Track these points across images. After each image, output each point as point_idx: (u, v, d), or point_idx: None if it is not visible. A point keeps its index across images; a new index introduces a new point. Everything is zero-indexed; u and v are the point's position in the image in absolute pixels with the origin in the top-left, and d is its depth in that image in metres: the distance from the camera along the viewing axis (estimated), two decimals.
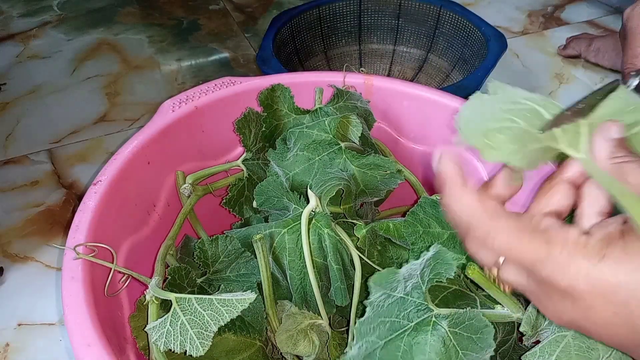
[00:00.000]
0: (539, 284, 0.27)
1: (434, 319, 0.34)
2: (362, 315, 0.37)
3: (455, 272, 0.35)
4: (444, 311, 0.34)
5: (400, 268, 0.45)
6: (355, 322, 0.43)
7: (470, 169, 0.55)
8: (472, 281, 0.36)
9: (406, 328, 0.34)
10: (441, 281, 0.35)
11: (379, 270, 0.44)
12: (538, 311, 0.36)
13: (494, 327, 0.33)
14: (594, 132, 0.28)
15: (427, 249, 0.43)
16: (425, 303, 0.34)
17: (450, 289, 0.40)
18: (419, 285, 0.35)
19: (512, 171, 0.30)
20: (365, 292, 0.43)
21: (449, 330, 0.33)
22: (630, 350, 0.26)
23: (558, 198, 0.29)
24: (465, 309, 0.34)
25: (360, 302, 0.43)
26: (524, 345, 0.39)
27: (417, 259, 0.43)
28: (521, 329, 0.36)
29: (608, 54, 0.98)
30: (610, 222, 0.26)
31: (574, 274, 0.25)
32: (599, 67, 1.01)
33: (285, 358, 0.44)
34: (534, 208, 0.30)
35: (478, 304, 0.39)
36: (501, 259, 0.28)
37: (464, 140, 0.28)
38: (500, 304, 0.37)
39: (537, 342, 0.36)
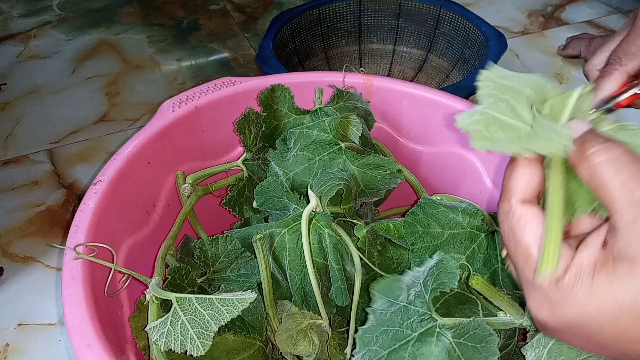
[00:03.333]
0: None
1: (438, 329, 0.34)
2: (364, 321, 0.37)
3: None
4: (448, 321, 0.34)
5: (400, 268, 0.45)
6: (355, 322, 0.43)
7: (471, 169, 0.55)
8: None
9: (410, 338, 0.34)
10: (444, 291, 0.35)
11: (378, 271, 0.45)
12: None
13: (497, 334, 0.33)
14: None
15: (427, 249, 0.43)
16: (429, 312, 0.34)
17: (452, 292, 0.40)
18: (422, 294, 0.35)
19: None
20: (365, 292, 0.43)
21: (454, 341, 0.33)
22: None
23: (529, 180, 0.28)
24: (469, 319, 0.34)
25: (361, 302, 0.43)
26: (526, 343, 0.39)
27: (417, 259, 0.43)
28: (524, 324, 0.36)
29: None
30: (589, 244, 0.26)
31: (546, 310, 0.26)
32: None
33: (285, 358, 0.44)
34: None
35: (480, 308, 0.39)
36: None
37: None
38: (502, 310, 0.37)
39: None
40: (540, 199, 0.28)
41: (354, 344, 0.37)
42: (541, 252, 0.26)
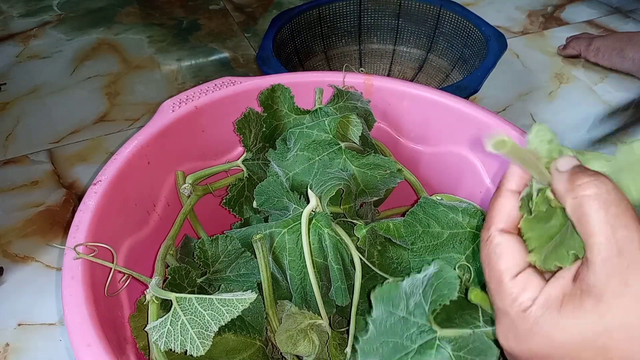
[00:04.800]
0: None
1: (437, 341, 0.34)
2: (364, 329, 0.37)
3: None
4: (448, 332, 0.34)
5: (400, 268, 0.45)
6: (355, 322, 0.43)
7: (471, 169, 0.55)
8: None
9: (409, 350, 0.34)
10: (444, 303, 0.34)
11: (378, 271, 0.45)
12: None
13: (497, 344, 0.33)
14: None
15: (427, 249, 0.43)
16: (429, 324, 0.34)
17: None
18: (422, 305, 0.35)
19: None
20: (365, 292, 0.43)
21: (453, 354, 0.33)
22: None
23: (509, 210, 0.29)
24: (470, 331, 0.34)
25: (361, 302, 0.43)
26: None
27: (417, 259, 0.43)
28: None
29: (608, 54, 0.98)
30: (559, 277, 0.26)
31: (512, 339, 0.26)
32: (599, 67, 1.01)
33: (285, 358, 0.44)
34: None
35: (480, 314, 0.39)
36: None
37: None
38: None
39: None
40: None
41: (354, 349, 0.37)
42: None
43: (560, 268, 0.26)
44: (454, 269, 0.36)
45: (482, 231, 0.30)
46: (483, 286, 0.34)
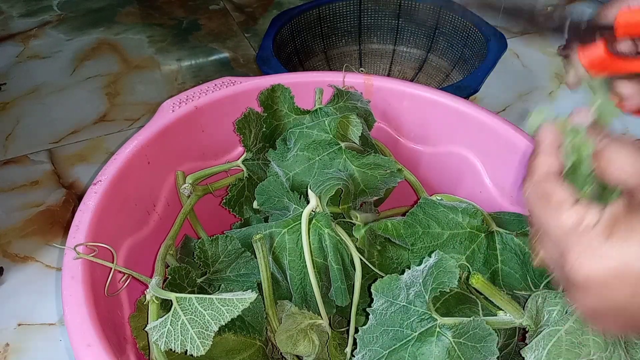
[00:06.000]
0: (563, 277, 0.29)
1: (437, 328, 0.34)
2: (365, 322, 0.37)
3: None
4: (448, 320, 0.34)
5: (400, 268, 0.45)
6: (355, 322, 0.43)
7: (471, 169, 0.55)
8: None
9: (410, 338, 0.34)
10: (444, 290, 0.35)
11: (377, 272, 0.45)
12: (538, 307, 0.36)
13: (497, 334, 0.33)
14: None
15: (427, 250, 0.43)
16: (429, 312, 0.34)
17: (451, 292, 0.40)
18: (422, 294, 0.35)
19: None
20: (365, 292, 0.43)
21: (454, 341, 0.33)
22: None
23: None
24: (469, 318, 0.34)
25: (361, 302, 0.43)
26: (525, 344, 0.39)
27: (417, 259, 0.43)
28: (524, 323, 0.36)
29: None
30: (618, 201, 0.28)
31: (585, 264, 0.27)
32: None
33: (285, 358, 0.44)
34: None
35: (480, 307, 0.39)
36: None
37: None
38: (502, 309, 0.37)
39: None
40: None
41: (354, 343, 0.37)
42: None
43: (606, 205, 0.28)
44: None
45: (525, 183, 0.32)
46: None
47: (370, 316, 0.37)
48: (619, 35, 0.35)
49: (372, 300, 0.38)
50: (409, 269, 0.38)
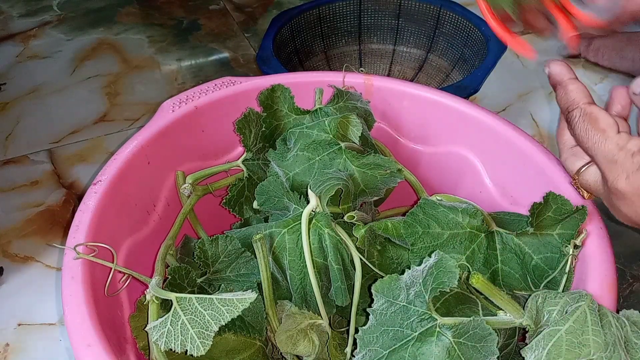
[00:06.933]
0: (606, 188, 0.35)
1: (437, 328, 0.34)
2: (365, 322, 0.37)
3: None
4: (448, 320, 0.34)
5: (400, 268, 0.45)
6: (355, 322, 0.43)
7: (471, 169, 0.55)
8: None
9: (410, 338, 0.34)
10: (444, 290, 0.35)
11: (377, 272, 0.45)
12: (538, 307, 0.36)
13: (497, 334, 0.33)
14: None
15: (427, 250, 0.43)
16: (429, 312, 0.35)
17: (451, 292, 0.40)
18: (422, 294, 0.35)
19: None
20: (365, 292, 0.43)
21: (454, 341, 0.33)
22: None
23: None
24: (469, 318, 0.34)
25: (361, 302, 0.43)
26: (525, 344, 0.39)
27: (417, 259, 0.43)
28: (524, 323, 0.36)
29: (608, 54, 0.98)
30: None
31: (623, 179, 0.33)
32: (599, 66, 1.01)
33: (285, 358, 0.44)
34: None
35: (480, 307, 0.39)
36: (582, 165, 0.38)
37: None
38: (502, 309, 0.37)
39: None
40: None
41: (354, 343, 0.37)
42: None
43: None
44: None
45: (569, 113, 0.36)
46: None
47: (370, 316, 0.37)
48: None
49: (372, 300, 0.38)
50: (409, 269, 0.38)
